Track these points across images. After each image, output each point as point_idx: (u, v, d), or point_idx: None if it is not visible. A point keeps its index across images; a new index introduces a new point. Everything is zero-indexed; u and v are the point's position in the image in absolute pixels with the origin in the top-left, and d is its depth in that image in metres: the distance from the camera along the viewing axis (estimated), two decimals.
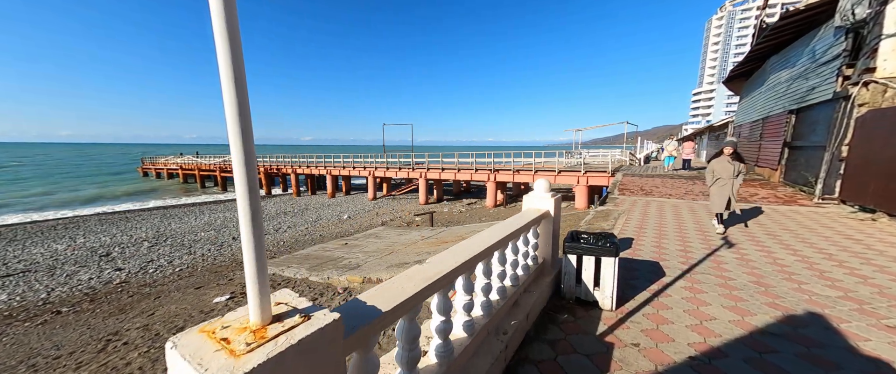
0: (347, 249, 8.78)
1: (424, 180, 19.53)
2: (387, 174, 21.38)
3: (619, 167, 16.11)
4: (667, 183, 10.78)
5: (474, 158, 17.75)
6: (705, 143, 29.68)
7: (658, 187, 10.23)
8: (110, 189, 31.22)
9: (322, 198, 23.68)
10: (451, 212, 16.27)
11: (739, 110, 15.90)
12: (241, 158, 0.76)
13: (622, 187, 10.39)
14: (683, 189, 9.67)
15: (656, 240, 4.87)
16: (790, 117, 9.62)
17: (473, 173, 17.93)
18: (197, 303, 5.72)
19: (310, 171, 25.44)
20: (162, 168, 41.37)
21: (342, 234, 12.31)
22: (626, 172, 14.17)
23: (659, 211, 7.13)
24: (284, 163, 27.44)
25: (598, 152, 20.12)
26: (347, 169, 23.31)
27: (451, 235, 9.15)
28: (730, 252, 4.25)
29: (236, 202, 0.81)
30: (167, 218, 17.02)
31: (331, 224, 14.47)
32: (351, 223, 14.40)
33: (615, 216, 6.66)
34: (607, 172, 14.07)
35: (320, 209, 18.77)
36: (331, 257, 7.89)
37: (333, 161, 24.27)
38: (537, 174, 15.98)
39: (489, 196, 17.41)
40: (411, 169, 20.15)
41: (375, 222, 14.39)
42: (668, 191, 9.45)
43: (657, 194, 9.17)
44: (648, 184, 10.68)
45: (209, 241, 11.66)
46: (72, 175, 43.26)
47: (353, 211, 17.96)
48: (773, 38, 9.98)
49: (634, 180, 11.48)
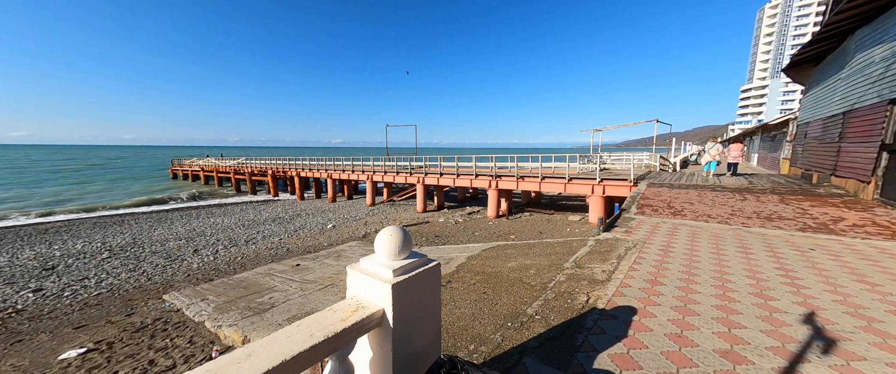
0: (293, 273, 7.28)
1: (422, 186, 17.84)
2: (385, 179, 19.94)
3: (645, 174, 13.48)
4: (705, 197, 8.28)
5: (474, 163, 15.80)
6: (757, 145, 25.59)
7: (693, 202, 7.78)
8: (137, 187, 32.46)
9: (322, 203, 22.73)
10: (444, 223, 14.44)
11: (805, 105, 12.73)
12: None
13: (643, 201, 8.05)
14: (729, 206, 7.19)
15: (679, 317, 2.79)
16: (891, 109, 6.86)
17: (473, 180, 15.97)
18: (37, 360, 4.36)
19: (311, 174, 24.65)
20: (187, 170, 43.05)
21: (312, 248, 10.89)
22: (654, 179, 11.61)
23: (690, 244, 4.89)
24: (289, 166, 26.95)
25: (623, 156, 17.37)
26: (347, 173, 22.17)
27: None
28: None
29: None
30: (160, 222, 16.61)
31: (310, 235, 13.15)
32: (332, 234, 13.00)
33: (620, 254, 4.55)
34: (628, 179, 11.59)
35: (312, 216, 17.64)
36: (260, 288, 6.39)
37: (334, 164, 23.27)
38: (544, 182, 13.75)
39: (490, 206, 15.37)
40: (409, 173, 18.54)
41: (358, 234, 12.89)
42: (706, 209, 7.03)
43: (691, 213, 6.80)
44: (680, 197, 8.23)
45: (167, 254, 10.68)
46: (122, 175, 46.24)
47: (344, 219, 16.63)
48: (861, 4, 7.26)
49: (661, 193, 9.04)
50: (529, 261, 4.99)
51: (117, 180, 41.37)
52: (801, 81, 13.85)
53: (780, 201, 7.56)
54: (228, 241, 12.09)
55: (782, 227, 5.71)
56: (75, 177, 43.72)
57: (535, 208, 17.29)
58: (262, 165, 29.99)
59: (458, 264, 5.56)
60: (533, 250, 5.76)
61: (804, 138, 12.13)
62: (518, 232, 11.93)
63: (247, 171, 31.03)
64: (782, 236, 5.24)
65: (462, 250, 7.23)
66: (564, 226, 12.92)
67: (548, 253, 5.30)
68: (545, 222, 13.69)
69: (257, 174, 30.07)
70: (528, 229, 12.52)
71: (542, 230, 12.03)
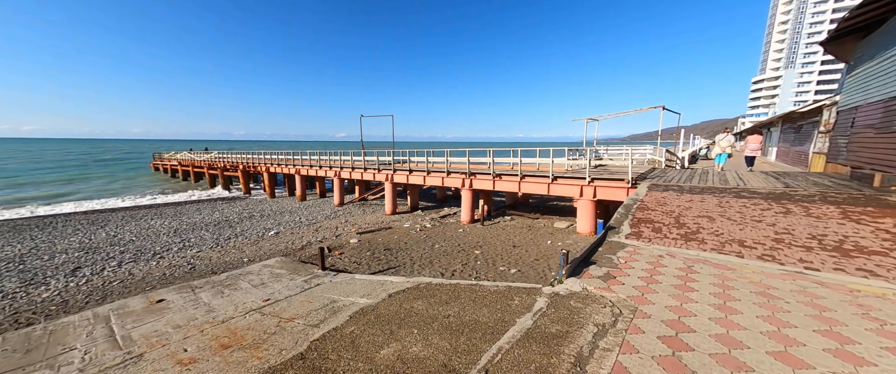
0: (135, 322, 5.08)
1: (391, 185, 15.56)
2: (352, 175, 17.68)
3: (648, 172, 11.05)
4: (728, 206, 5.88)
5: (447, 158, 13.46)
6: (776, 137, 22.91)
7: (712, 215, 5.40)
8: (102, 182, 30.50)
9: (291, 201, 20.58)
10: (407, 230, 12.18)
11: (851, 86, 10.17)
12: None
13: (642, 212, 5.69)
14: (768, 224, 4.79)
15: None
16: None
17: (445, 178, 13.64)
18: None
19: (280, 170, 22.47)
20: (166, 164, 41.16)
21: (224, 266, 8.71)
22: (658, 179, 9.20)
23: (722, 310, 2.53)
24: (259, 161, 24.79)
25: (622, 150, 14.89)
26: (315, 169, 19.94)
27: (286, 309, 5.19)
28: None
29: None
30: (92, 224, 14.57)
31: (240, 245, 10.98)
32: (265, 245, 10.81)
33: (583, 345, 2.23)
34: (626, 179, 9.19)
35: (263, 219, 15.48)
36: (47, 357, 4.20)
37: (301, 159, 21.06)
38: (524, 181, 11.38)
39: (464, 208, 13.07)
40: (377, 170, 16.26)
41: (296, 245, 10.68)
42: (734, 229, 4.65)
43: (711, 236, 4.44)
44: (693, 207, 5.85)
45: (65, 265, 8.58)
46: (104, 170, 44.52)
47: (296, 223, 14.44)
48: None
49: (667, 198, 6.66)
50: (419, 347, 2.70)
51: (91, 175, 39.58)
52: (843, 58, 11.25)
53: (842, 216, 5.17)
54: (134, 253, 9.94)
55: (877, 272, 3.35)
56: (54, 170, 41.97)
57: (519, 212, 14.94)
58: (233, 160, 27.88)
59: (324, 332, 3.34)
60: (450, 309, 3.47)
61: (850, 127, 9.61)
62: (487, 245, 9.64)
63: (219, 166, 28.97)
64: (889, 294, 2.89)
65: (375, 286, 4.98)
66: (546, 235, 10.60)
67: (462, 325, 3.00)
68: (525, 231, 11.36)
69: (229, 169, 27.99)
70: (500, 240, 10.21)
71: (516, 243, 9.71)
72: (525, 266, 7.57)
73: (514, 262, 7.94)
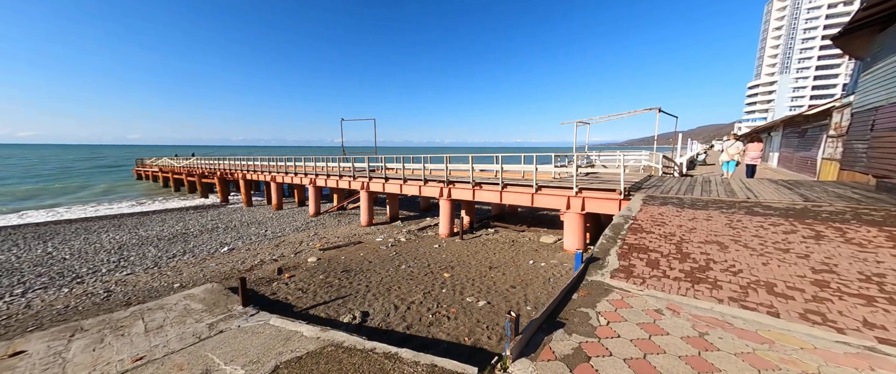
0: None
1: (367, 193, 14.34)
2: (328, 183, 16.45)
3: (644, 180, 9.89)
4: (742, 227, 4.68)
5: (424, 165, 12.25)
6: (777, 142, 21.93)
7: (723, 240, 4.18)
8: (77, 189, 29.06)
9: (266, 211, 19.28)
10: (377, 246, 10.93)
11: (867, 84, 9.12)
12: None
13: (635, 236, 4.48)
14: (799, 255, 3.56)
15: None
16: None
17: (422, 186, 12.43)
18: None
19: (256, 177, 21.21)
20: (148, 171, 39.77)
21: (143, 295, 7.42)
22: (655, 189, 8.02)
23: None
24: (235, 167, 23.52)
25: (615, 156, 13.76)
26: (291, 176, 18.69)
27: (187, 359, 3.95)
28: None
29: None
30: (39, 238, 13.25)
31: (188, 263, 9.70)
32: (208, 266, 9.53)
33: None
34: (618, 190, 8.01)
35: (227, 232, 14.19)
36: None
37: (276, 165, 19.82)
38: (506, 191, 10.18)
39: (442, 220, 11.84)
40: (353, 178, 15.03)
41: (245, 266, 9.41)
42: (755, 264, 3.41)
43: (726, 276, 3.20)
44: (698, 229, 4.64)
45: None
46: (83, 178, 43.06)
47: (258, 237, 13.15)
48: None
49: (665, 216, 5.47)
50: None
51: (70, 183, 38.14)
52: (855, 54, 10.22)
53: (892, 243, 3.99)
54: (53, 277, 8.62)
55: None
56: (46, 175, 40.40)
57: (505, 223, 13.72)
58: (210, 167, 26.59)
59: None
60: None
61: (870, 131, 8.52)
62: (460, 265, 8.39)
63: (197, 172, 27.67)
64: None
65: (278, 344, 3.73)
66: (530, 252, 9.38)
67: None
68: (507, 246, 10.14)
69: (207, 176, 26.68)
70: (477, 259, 8.97)
71: (493, 263, 8.46)
72: (497, 296, 6.34)
73: (486, 289, 6.71)
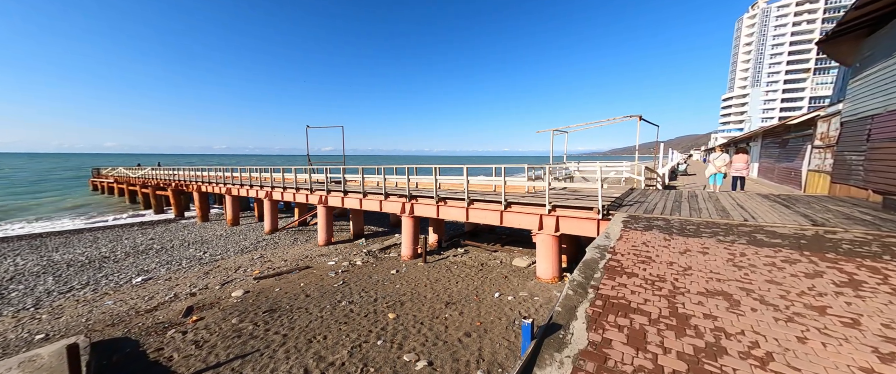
0: None
1: (325, 209, 12.81)
2: (284, 196, 14.83)
3: (625, 194, 8.83)
4: (749, 264, 3.49)
5: (384, 178, 10.88)
6: (756, 153, 21.69)
7: (725, 282, 2.93)
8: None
9: (219, 227, 17.38)
10: (325, 272, 9.42)
11: (858, 91, 8.41)
12: None
13: (612, 281, 3.18)
14: (842, 320, 2.37)
15: None
16: None
17: (383, 201, 11.04)
18: None
19: (210, 189, 19.29)
20: (104, 182, 36.74)
21: None
22: (638, 207, 6.92)
23: None
24: (190, 179, 21.50)
25: (594, 167, 12.80)
26: (246, 188, 16.94)
27: None
28: None
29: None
30: None
31: (77, 302, 7.93)
32: (111, 301, 7.82)
33: None
34: (595, 208, 6.86)
35: (158, 254, 12.33)
36: None
37: (232, 176, 18.03)
38: (473, 207, 8.92)
39: (405, 240, 10.45)
40: (310, 191, 13.49)
41: (153, 302, 7.74)
42: (778, 330, 2.15)
43: (741, 347, 1.89)
44: (695, 266, 3.41)
45: None
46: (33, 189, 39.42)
47: (194, 259, 11.40)
48: None
49: (651, 246, 4.27)
50: None
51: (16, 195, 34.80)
52: (843, 59, 9.62)
53: None
54: None
55: None
56: None
57: (477, 242, 12.40)
58: (165, 178, 24.39)
59: None
60: None
61: (866, 141, 7.74)
62: (413, 301, 6.99)
63: (152, 184, 25.36)
64: None
65: None
66: (498, 280, 8.07)
67: None
68: (474, 272, 8.81)
69: (162, 188, 24.43)
70: (435, 290, 7.58)
71: (452, 296, 7.09)
72: (444, 352, 4.97)
73: (434, 339, 5.33)
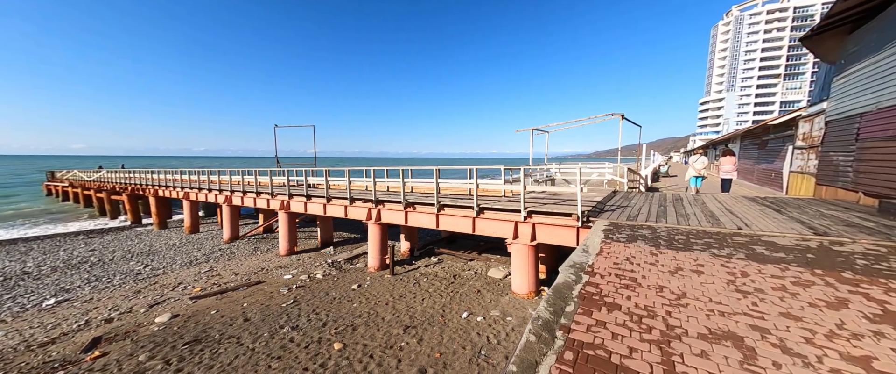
0: None
1: (286, 215, 11.68)
2: (244, 201, 13.57)
3: (607, 198, 8.17)
4: (754, 288, 2.74)
5: (349, 181, 9.89)
6: (737, 154, 21.74)
7: (729, 316, 2.12)
8: None
9: (176, 235, 15.90)
10: (277, 287, 8.34)
11: (843, 89, 8.05)
12: None
13: (587, 320, 2.30)
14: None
15: None
16: None
17: (348, 207, 10.05)
18: None
19: (167, 193, 17.72)
20: (58, 186, 33.95)
21: None
22: (619, 211, 6.22)
23: None
24: (146, 183, 19.79)
25: (575, 169, 12.24)
26: (205, 193, 15.54)
27: None
28: None
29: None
30: None
31: None
32: (14, 327, 6.54)
33: None
34: (574, 215, 6.13)
35: (93, 268, 10.91)
36: None
37: (190, 179, 16.59)
38: (443, 213, 8.06)
39: (371, 249, 9.49)
40: (271, 196, 12.32)
41: (54, 334, 6.50)
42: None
43: None
44: (689, 295, 2.62)
45: None
46: None
47: (130, 274, 10.07)
48: None
49: (636, 265, 3.51)
50: None
51: None
52: (826, 56, 9.31)
53: None
54: None
55: None
56: None
57: (453, 250, 11.54)
58: (120, 182, 22.49)
59: None
60: None
61: (855, 141, 7.34)
62: (368, 325, 6.05)
63: (107, 188, 23.37)
64: None
65: None
66: (471, 295, 7.23)
67: None
68: (444, 286, 7.94)
69: (118, 193, 22.51)
70: (397, 309, 6.66)
71: (413, 317, 6.19)
72: None
73: None
